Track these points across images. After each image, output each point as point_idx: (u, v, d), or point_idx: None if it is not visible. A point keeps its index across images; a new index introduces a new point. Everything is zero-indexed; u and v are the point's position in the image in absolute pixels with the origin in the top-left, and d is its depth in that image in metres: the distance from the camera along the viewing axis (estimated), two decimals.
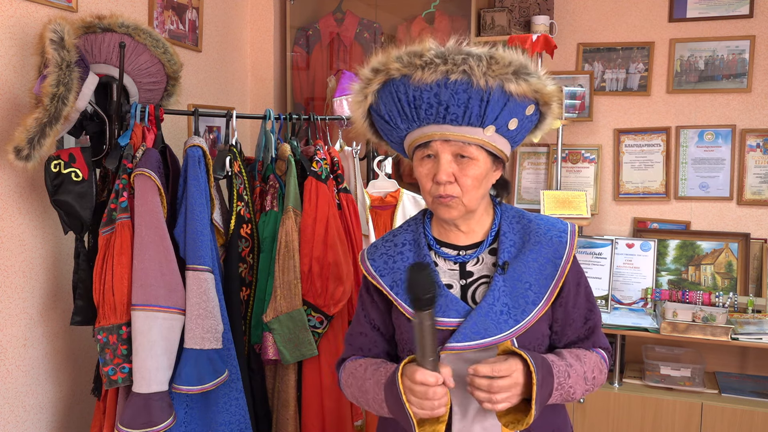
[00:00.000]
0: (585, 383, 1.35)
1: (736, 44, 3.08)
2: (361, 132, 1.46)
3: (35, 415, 2.13)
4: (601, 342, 1.44)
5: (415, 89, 1.28)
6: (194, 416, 1.98)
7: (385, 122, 1.37)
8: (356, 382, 1.41)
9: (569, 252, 1.38)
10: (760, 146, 3.08)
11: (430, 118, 1.30)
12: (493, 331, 1.30)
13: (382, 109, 1.35)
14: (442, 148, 1.31)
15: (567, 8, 3.30)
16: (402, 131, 1.37)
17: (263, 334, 2.22)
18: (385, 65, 1.31)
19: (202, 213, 1.97)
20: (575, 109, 3.22)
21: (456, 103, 1.27)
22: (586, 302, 1.42)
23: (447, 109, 1.28)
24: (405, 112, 1.32)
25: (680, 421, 2.70)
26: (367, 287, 1.47)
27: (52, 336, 2.18)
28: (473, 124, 1.29)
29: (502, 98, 1.27)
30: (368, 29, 3.35)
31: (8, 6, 1.98)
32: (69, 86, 1.81)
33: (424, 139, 1.32)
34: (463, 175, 1.31)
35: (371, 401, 1.36)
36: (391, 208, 2.75)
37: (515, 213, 1.44)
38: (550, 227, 1.41)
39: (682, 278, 3.10)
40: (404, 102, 1.31)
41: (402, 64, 1.28)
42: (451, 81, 1.25)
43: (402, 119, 1.34)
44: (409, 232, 1.46)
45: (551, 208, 2.97)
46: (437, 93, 1.27)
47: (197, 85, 2.93)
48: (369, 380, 1.37)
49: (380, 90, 1.34)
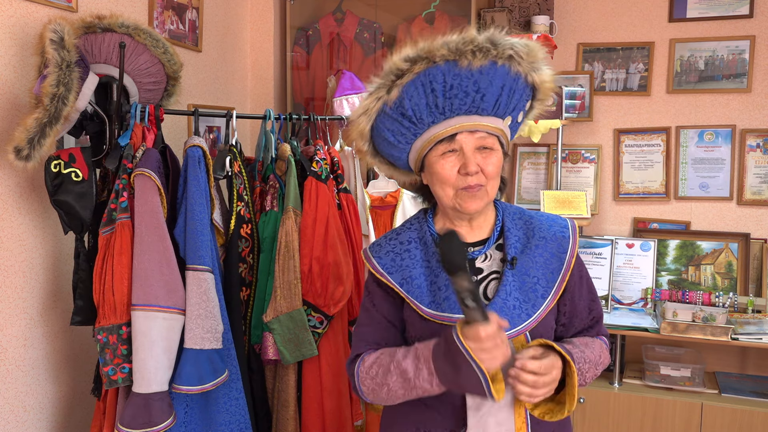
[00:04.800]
0: (594, 368, 1.41)
1: (736, 44, 3.08)
2: (357, 136, 1.44)
3: (35, 415, 2.13)
4: (603, 331, 1.52)
5: (455, 76, 1.30)
6: (194, 416, 1.98)
7: (404, 119, 1.35)
8: (386, 368, 1.35)
9: (572, 247, 1.43)
10: (760, 146, 3.08)
11: (462, 108, 1.33)
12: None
13: (405, 104, 1.33)
14: (467, 139, 1.34)
15: (567, 8, 3.30)
16: (422, 127, 1.36)
17: (263, 334, 2.22)
18: (429, 52, 1.30)
19: (202, 213, 1.97)
20: (575, 109, 3.21)
21: (493, 90, 1.31)
22: (589, 293, 1.48)
23: (483, 98, 1.32)
24: (437, 103, 1.32)
25: (680, 421, 2.70)
26: (378, 284, 1.47)
27: (52, 336, 2.18)
28: (499, 114, 1.35)
29: (521, 88, 1.35)
30: (368, 29, 3.35)
31: (8, 6, 1.98)
32: (69, 86, 1.81)
33: (451, 132, 1.34)
34: (487, 164, 1.35)
35: (413, 383, 1.30)
36: (391, 208, 2.75)
37: (516, 210, 1.48)
38: (552, 223, 1.46)
39: (682, 278, 3.10)
40: (439, 91, 1.31)
41: (448, 50, 1.29)
42: (497, 66, 1.29)
43: (429, 111, 1.33)
44: (413, 230, 1.47)
45: (551, 208, 2.97)
46: (477, 80, 1.30)
47: (197, 85, 2.93)
48: (405, 360, 1.32)
49: (407, 82, 1.32)
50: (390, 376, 1.34)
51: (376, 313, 1.46)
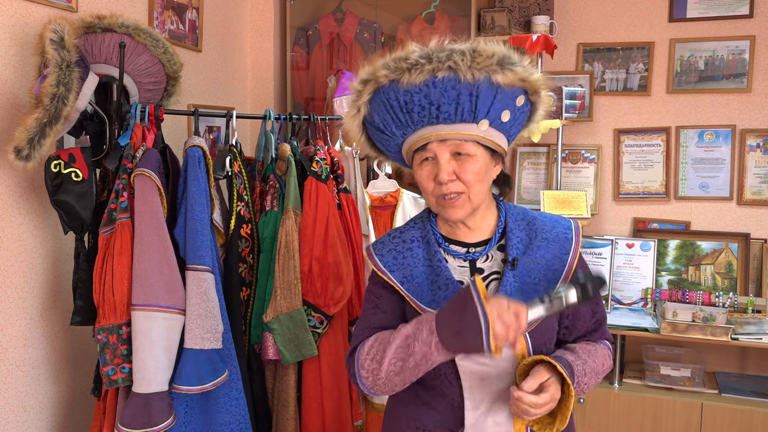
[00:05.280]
0: (596, 377, 1.40)
1: (736, 44, 3.08)
2: (359, 146, 1.49)
3: (35, 415, 2.13)
4: (606, 334, 1.50)
5: (405, 93, 1.30)
6: (194, 416, 1.98)
7: (380, 132, 1.39)
8: (385, 344, 1.33)
9: (575, 248, 1.42)
10: (760, 146, 3.08)
11: (423, 120, 1.32)
12: None
13: (376, 119, 1.37)
14: (440, 148, 1.33)
15: (567, 8, 3.30)
16: (398, 138, 1.38)
17: (263, 334, 2.22)
18: (372, 74, 1.33)
19: (202, 213, 1.97)
20: (575, 109, 3.21)
21: (446, 101, 1.29)
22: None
23: (439, 108, 1.30)
24: (398, 117, 1.34)
25: (680, 421, 2.70)
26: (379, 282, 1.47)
27: (52, 336, 2.18)
28: (466, 120, 1.31)
29: (490, 91, 1.29)
30: (368, 29, 3.35)
31: (8, 6, 1.97)
32: (69, 86, 1.81)
33: (421, 142, 1.34)
34: (463, 171, 1.33)
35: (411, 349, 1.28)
36: (391, 208, 2.75)
37: (519, 211, 1.47)
38: (555, 224, 1.45)
39: (682, 278, 3.10)
40: (396, 108, 1.33)
41: (389, 70, 1.31)
42: (438, 79, 1.27)
43: (396, 125, 1.35)
44: (416, 229, 1.47)
45: (551, 208, 2.97)
46: (427, 93, 1.29)
47: (197, 85, 2.93)
48: (407, 326, 1.31)
49: (372, 100, 1.36)
50: (389, 348, 1.31)
51: (377, 312, 1.47)
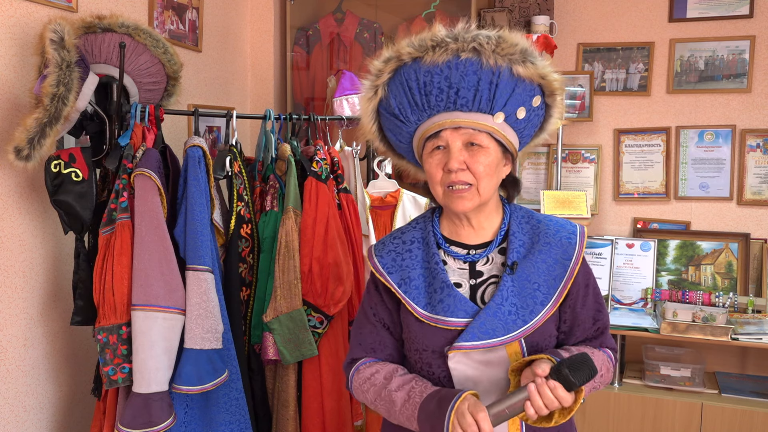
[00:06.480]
0: (593, 382, 1.36)
1: (736, 44, 3.08)
2: (369, 136, 1.47)
3: (35, 415, 2.13)
4: (608, 342, 1.45)
5: (426, 73, 1.30)
6: (194, 416, 1.98)
7: (395, 118, 1.38)
8: (377, 390, 1.38)
9: (578, 254, 1.39)
10: (760, 146, 3.08)
11: (440, 105, 1.32)
12: (500, 331, 1.30)
13: (392, 103, 1.36)
14: (453, 136, 1.32)
15: (567, 8, 3.30)
16: (412, 125, 1.37)
17: (263, 334, 2.22)
18: (396, 51, 1.33)
19: (202, 213, 1.97)
20: (575, 109, 3.22)
21: (466, 85, 1.29)
22: (595, 303, 1.43)
23: (458, 93, 1.29)
24: (415, 100, 1.33)
25: (680, 421, 2.70)
26: (376, 285, 1.46)
27: (52, 336, 2.18)
28: (483, 110, 1.31)
29: (510, 83, 1.29)
30: (368, 29, 3.35)
31: (8, 6, 1.97)
32: (69, 86, 1.81)
33: (435, 129, 1.33)
34: (475, 162, 1.32)
35: (398, 413, 1.34)
36: (391, 208, 2.75)
37: (524, 213, 1.44)
38: (560, 228, 1.41)
39: (682, 278, 3.10)
40: (415, 89, 1.32)
41: (413, 48, 1.31)
42: (461, 61, 1.27)
43: (412, 109, 1.34)
44: (417, 230, 1.45)
45: (551, 208, 2.97)
46: (448, 75, 1.29)
47: (197, 85, 2.93)
48: (397, 393, 1.34)
49: (390, 82, 1.35)
50: (384, 401, 1.36)
51: (373, 317, 1.46)
